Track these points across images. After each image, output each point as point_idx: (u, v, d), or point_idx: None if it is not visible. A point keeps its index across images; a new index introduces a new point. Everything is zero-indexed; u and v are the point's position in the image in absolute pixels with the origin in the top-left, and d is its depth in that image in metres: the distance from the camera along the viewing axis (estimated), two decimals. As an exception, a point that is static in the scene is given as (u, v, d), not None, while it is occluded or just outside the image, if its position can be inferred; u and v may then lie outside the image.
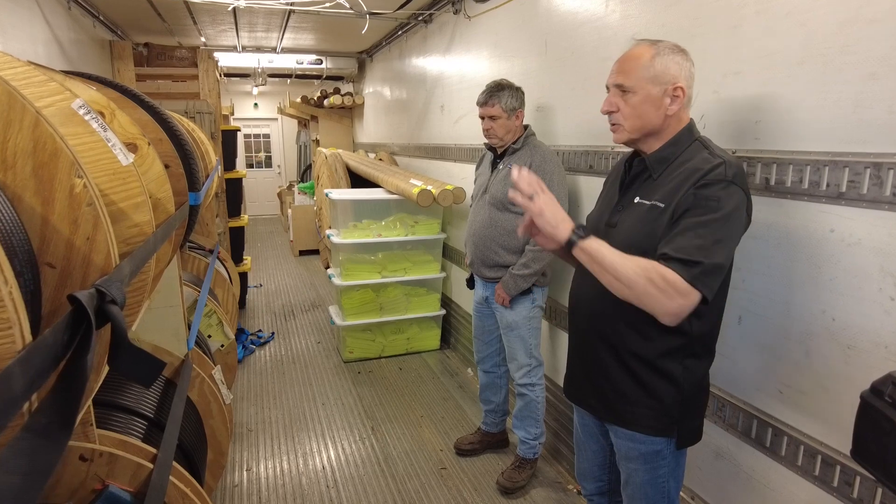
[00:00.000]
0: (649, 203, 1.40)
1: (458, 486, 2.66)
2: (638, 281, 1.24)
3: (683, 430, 1.47)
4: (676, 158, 1.40)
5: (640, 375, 1.44)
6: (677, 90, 1.37)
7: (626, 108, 1.41)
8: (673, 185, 1.36)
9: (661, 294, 1.23)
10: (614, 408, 1.51)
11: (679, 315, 1.26)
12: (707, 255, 1.24)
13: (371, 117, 7.11)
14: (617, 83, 1.41)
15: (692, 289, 1.23)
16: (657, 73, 1.36)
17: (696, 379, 1.45)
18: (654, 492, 1.51)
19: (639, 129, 1.42)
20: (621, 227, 1.45)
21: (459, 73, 3.94)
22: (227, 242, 4.74)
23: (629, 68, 1.39)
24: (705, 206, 1.28)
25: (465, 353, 4.03)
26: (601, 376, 1.51)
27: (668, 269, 1.24)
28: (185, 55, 4.57)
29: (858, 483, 1.37)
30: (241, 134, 9.74)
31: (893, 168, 1.26)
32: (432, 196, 3.61)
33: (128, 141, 1.27)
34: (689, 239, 1.26)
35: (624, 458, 1.55)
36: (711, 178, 1.29)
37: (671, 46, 1.39)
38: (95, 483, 1.21)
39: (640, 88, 1.38)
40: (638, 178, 1.48)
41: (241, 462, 2.86)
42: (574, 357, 1.65)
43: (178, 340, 1.99)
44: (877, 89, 1.29)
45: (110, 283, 0.71)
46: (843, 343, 1.40)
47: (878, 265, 1.31)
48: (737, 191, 1.29)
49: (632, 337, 1.42)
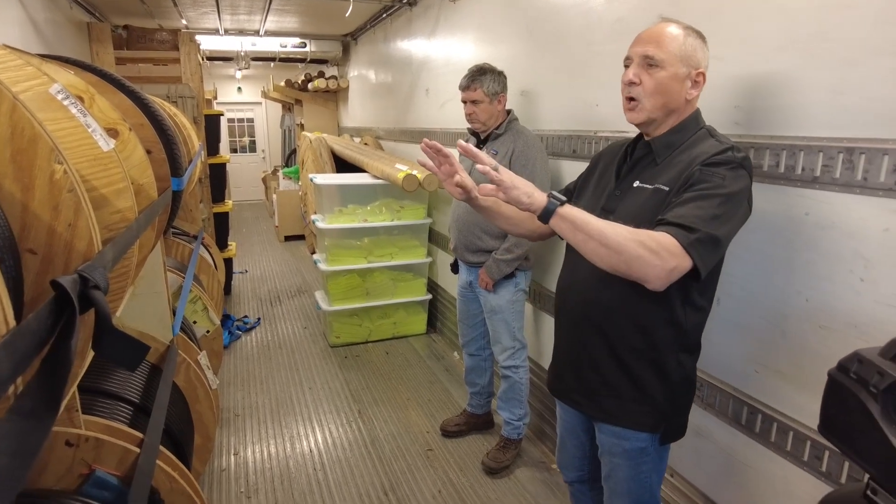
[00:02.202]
0: (652, 187, 1.34)
1: (443, 466, 2.70)
2: (627, 245, 1.16)
3: (670, 426, 1.44)
4: (682, 144, 1.36)
5: (632, 369, 1.40)
6: (699, 76, 1.34)
7: (650, 83, 1.32)
8: (677, 170, 1.31)
9: (653, 256, 1.16)
10: (601, 403, 1.47)
11: (669, 279, 1.18)
12: (705, 225, 1.18)
13: (356, 101, 7.06)
14: (647, 54, 1.32)
15: (686, 254, 1.17)
16: (688, 54, 1.31)
17: (686, 374, 1.43)
18: (637, 486, 1.49)
19: (659, 109, 1.34)
20: (620, 213, 1.38)
21: (445, 56, 3.92)
22: (211, 228, 4.71)
23: (663, 41, 1.31)
24: (710, 182, 1.23)
25: (452, 336, 4.07)
26: (590, 369, 1.46)
27: (661, 233, 1.19)
28: (166, 38, 4.49)
29: (827, 457, 1.42)
30: (225, 118, 9.59)
31: (864, 153, 1.29)
32: (418, 181, 3.61)
33: (108, 126, 1.26)
34: (690, 209, 1.21)
35: (607, 453, 1.52)
36: (719, 158, 1.25)
37: (697, 30, 1.34)
38: (82, 468, 1.21)
39: (670, 64, 1.30)
40: (640, 163, 1.43)
41: (228, 446, 2.88)
42: (561, 350, 1.59)
43: (163, 326, 1.98)
44: (853, 75, 1.32)
45: (93, 268, 0.71)
46: (817, 323, 1.44)
47: (851, 248, 1.34)
48: (744, 175, 1.26)
49: (629, 328, 1.38)
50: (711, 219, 1.20)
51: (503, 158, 2.44)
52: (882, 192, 1.27)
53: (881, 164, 1.26)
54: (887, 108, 1.25)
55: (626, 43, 1.37)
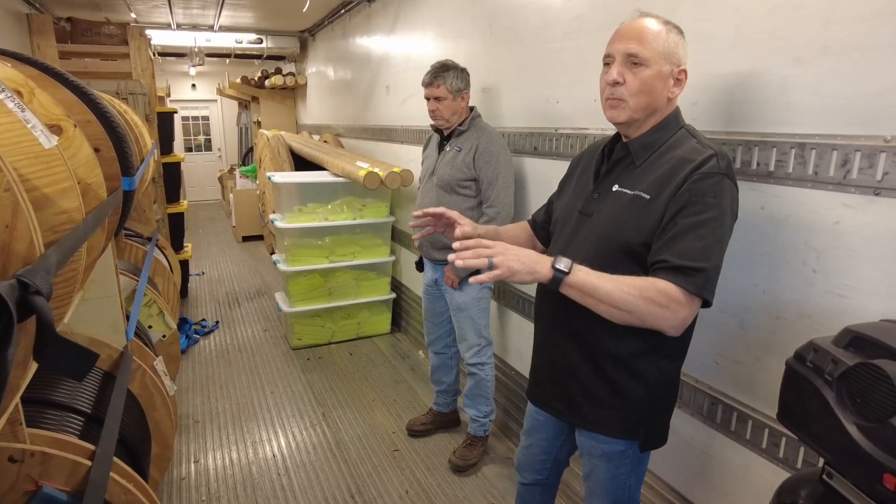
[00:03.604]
0: (632, 193, 1.31)
1: (410, 467, 2.68)
2: (636, 304, 1.17)
3: (650, 433, 1.42)
4: (662, 146, 1.32)
5: (611, 376, 1.37)
6: (682, 73, 1.30)
7: (634, 82, 1.27)
8: (659, 175, 1.28)
9: (664, 310, 1.17)
10: (580, 410, 1.44)
11: (685, 325, 1.21)
12: (709, 259, 1.18)
13: (315, 98, 6.95)
14: (631, 52, 1.26)
15: (694, 297, 1.18)
16: (671, 50, 1.26)
17: (668, 381, 1.40)
18: (615, 487, 1.47)
19: (643, 108, 1.29)
20: (598, 217, 1.36)
21: (405, 53, 3.89)
22: (166, 229, 4.56)
23: (646, 37, 1.25)
24: (702, 203, 1.20)
25: (416, 335, 4.05)
26: (569, 376, 1.44)
27: (667, 283, 1.18)
28: (115, 32, 4.31)
29: (784, 444, 1.47)
30: (179, 116, 9.33)
31: (816, 148, 1.33)
32: (380, 179, 3.57)
33: (50, 122, 1.19)
34: (691, 241, 1.19)
35: (587, 453, 1.50)
36: (706, 171, 1.22)
37: (676, 25, 1.30)
38: (28, 484, 1.15)
39: (655, 62, 1.26)
40: (618, 165, 1.38)
41: (188, 454, 2.79)
42: (539, 357, 1.57)
43: (116, 332, 1.90)
44: (802, 72, 1.36)
45: (34, 272, 0.67)
46: (773, 314, 1.48)
47: (804, 240, 1.39)
48: (731, 186, 1.24)
49: (606, 335, 1.34)
50: (714, 245, 1.20)
51: (467, 155, 2.44)
52: (832, 186, 1.31)
53: (831, 159, 1.30)
54: (835, 105, 1.30)
55: (584, 41, 1.35)
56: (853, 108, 1.26)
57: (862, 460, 0.86)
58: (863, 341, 0.93)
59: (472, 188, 2.47)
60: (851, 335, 0.95)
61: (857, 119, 1.25)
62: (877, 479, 0.83)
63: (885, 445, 0.83)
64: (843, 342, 0.97)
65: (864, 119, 1.24)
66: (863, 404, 0.88)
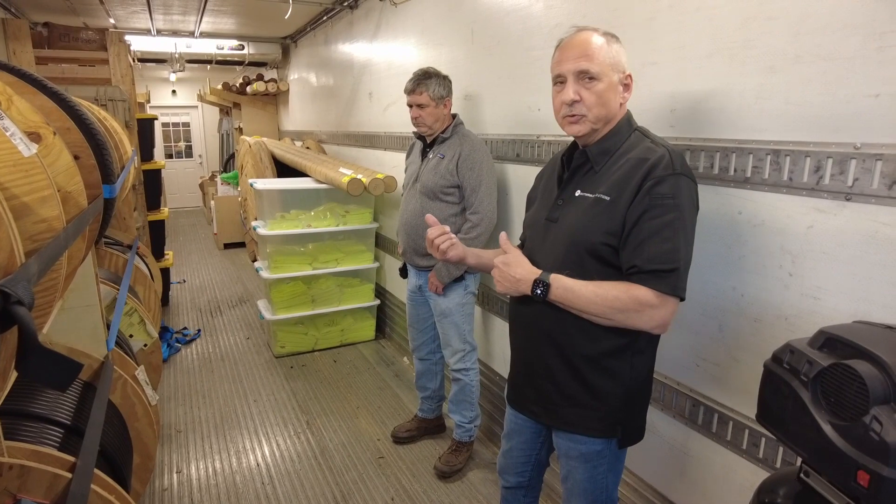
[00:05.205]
0: (593, 196, 1.36)
1: (396, 474, 2.68)
2: (613, 313, 1.27)
3: (627, 431, 1.45)
4: (618, 150, 1.38)
5: (586, 376, 1.40)
6: (628, 78, 1.37)
7: (590, 97, 1.33)
8: (618, 177, 1.33)
9: (639, 315, 1.26)
10: (557, 411, 1.47)
11: (666, 323, 1.28)
12: (678, 259, 1.25)
13: (297, 104, 6.92)
14: (582, 69, 1.32)
15: (668, 297, 1.25)
16: (615, 60, 1.33)
17: (640, 376, 1.43)
18: (594, 487, 1.50)
19: (602, 119, 1.36)
20: (563, 222, 1.42)
21: (387, 59, 3.90)
22: (146, 237, 4.50)
23: (592, 53, 1.31)
24: (662, 205, 1.26)
25: (401, 341, 4.04)
26: (546, 378, 1.47)
27: (639, 288, 1.25)
28: (93, 37, 4.26)
29: (764, 444, 1.49)
30: (159, 122, 9.23)
31: (790, 154, 1.37)
32: (363, 185, 3.57)
33: (29, 130, 1.18)
34: (658, 244, 1.25)
35: (564, 455, 1.53)
36: (661, 172, 1.27)
37: (614, 35, 1.36)
38: (6, 498, 1.13)
39: (605, 75, 1.32)
40: (578, 172, 1.44)
41: (170, 464, 2.75)
42: (517, 360, 1.60)
43: (97, 341, 1.88)
44: (775, 81, 1.39)
45: (15, 282, 0.66)
46: (751, 317, 1.51)
47: (779, 244, 1.42)
48: (687, 181, 1.29)
49: (579, 337, 1.38)
50: (683, 244, 1.26)
51: (450, 162, 2.45)
52: (805, 192, 1.35)
53: (804, 166, 1.34)
54: (806, 113, 1.33)
55: (566, 48, 1.41)
56: (824, 115, 1.30)
57: (837, 458, 0.88)
58: (836, 342, 0.96)
59: (455, 195, 2.49)
60: (825, 336, 0.98)
61: (828, 126, 1.29)
62: (851, 476, 0.85)
63: (858, 443, 0.85)
64: (817, 343, 1.00)
65: (835, 126, 1.28)
66: (837, 403, 0.91)
